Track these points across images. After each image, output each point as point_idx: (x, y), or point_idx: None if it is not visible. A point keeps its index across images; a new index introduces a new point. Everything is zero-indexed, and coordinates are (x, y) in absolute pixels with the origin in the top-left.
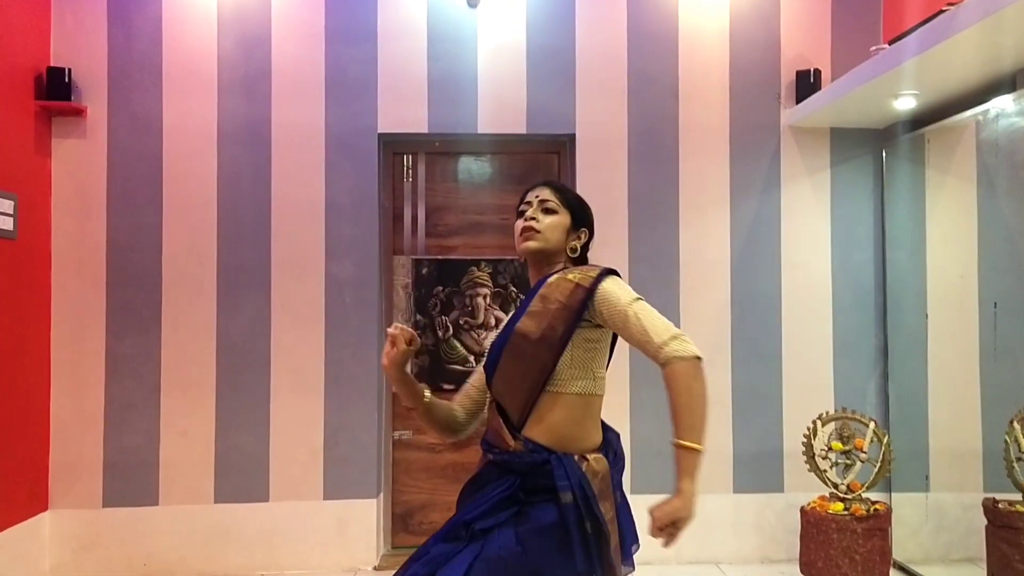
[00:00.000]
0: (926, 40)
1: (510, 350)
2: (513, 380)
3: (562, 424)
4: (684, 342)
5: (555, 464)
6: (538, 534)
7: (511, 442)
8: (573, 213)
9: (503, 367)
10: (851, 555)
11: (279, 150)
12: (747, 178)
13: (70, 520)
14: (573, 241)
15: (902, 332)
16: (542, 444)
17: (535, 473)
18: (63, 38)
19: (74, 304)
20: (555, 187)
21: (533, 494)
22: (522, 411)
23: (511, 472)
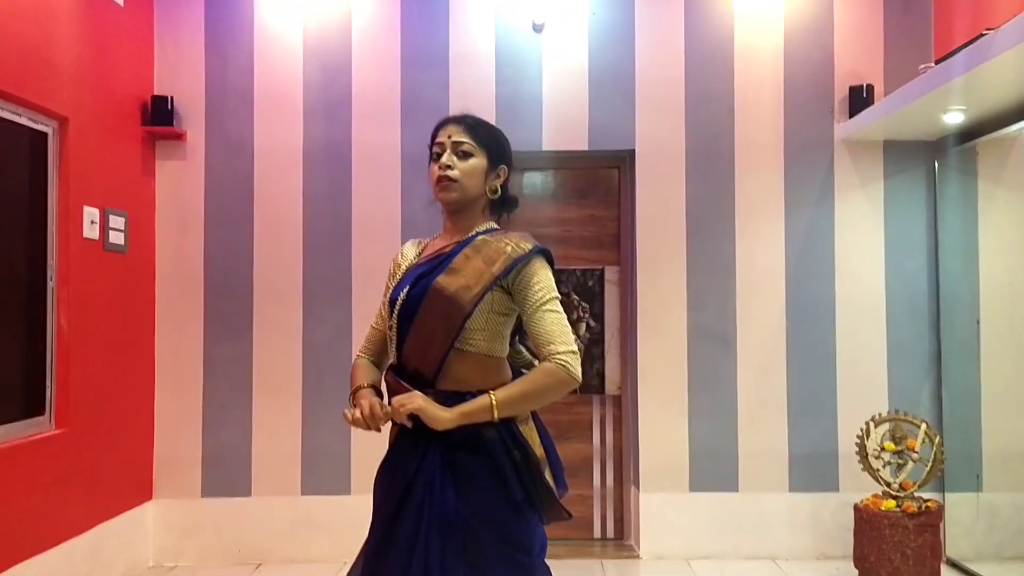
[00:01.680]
0: (970, 61)
1: (428, 305)
2: (427, 335)
3: (472, 379)
4: (577, 360)
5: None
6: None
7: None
8: (489, 152)
9: (419, 322)
10: (903, 550)
11: (359, 169)
12: (801, 190)
13: (172, 509)
14: (493, 181)
15: (955, 338)
16: (456, 391)
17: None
18: (165, 69)
19: (176, 312)
20: (467, 124)
21: (458, 449)
22: (435, 368)
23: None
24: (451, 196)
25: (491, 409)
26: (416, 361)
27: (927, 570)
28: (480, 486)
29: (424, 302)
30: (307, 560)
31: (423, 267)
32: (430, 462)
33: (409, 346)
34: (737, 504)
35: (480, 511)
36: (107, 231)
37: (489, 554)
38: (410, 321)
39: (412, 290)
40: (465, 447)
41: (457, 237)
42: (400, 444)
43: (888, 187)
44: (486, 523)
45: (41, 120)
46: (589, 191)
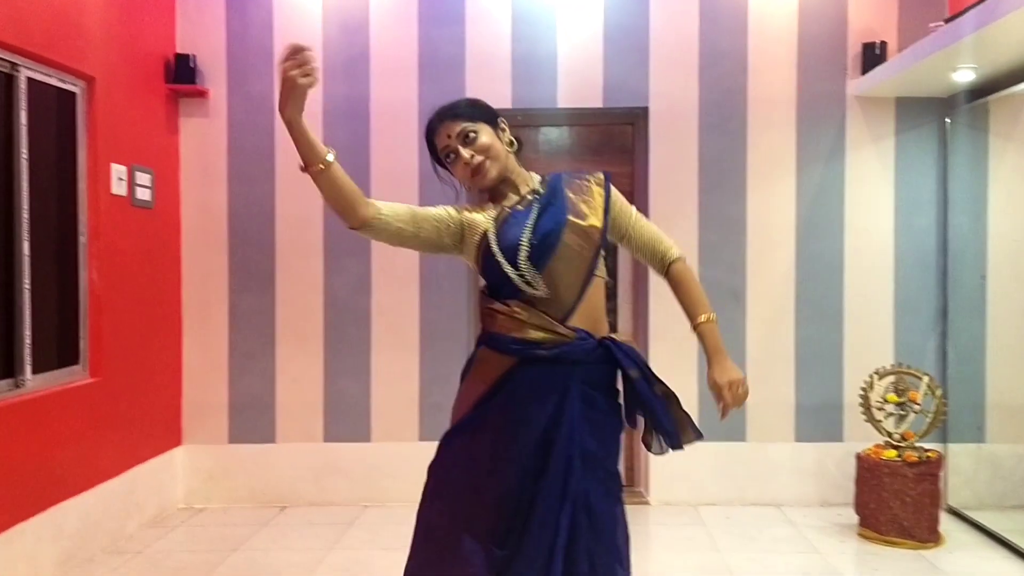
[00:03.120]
0: (978, 20)
1: (564, 251)
2: (566, 276)
3: (596, 309)
4: (678, 247)
5: (614, 348)
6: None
7: (566, 332)
8: (484, 119)
9: (554, 268)
10: (902, 497)
11: (377, 126)
12: (813, 147)
13: (200, 454)
14: (504, 137)
15: (962, 293)
16: (586, 331)
17: (591, 360)
18: (187, 27)
19: (201, 265)
20: (455, 114)
21: (592, 388)
22: (574, 302)
23: (567, 362)
24: (491, 174)
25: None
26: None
27: (925, 517)
28: (613, 425)
29: (559, 249)
30: (329, 503)
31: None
32: (571, 401)
33: (549, 279)
34: (744, 453)
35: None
36: (134, 188)
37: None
38: (548, 258)
39: (535, 233)
40: (601, 387)
41: (522, 192)
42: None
43: (899, 144)
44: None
45: (70, 80)
46: (603, 148)
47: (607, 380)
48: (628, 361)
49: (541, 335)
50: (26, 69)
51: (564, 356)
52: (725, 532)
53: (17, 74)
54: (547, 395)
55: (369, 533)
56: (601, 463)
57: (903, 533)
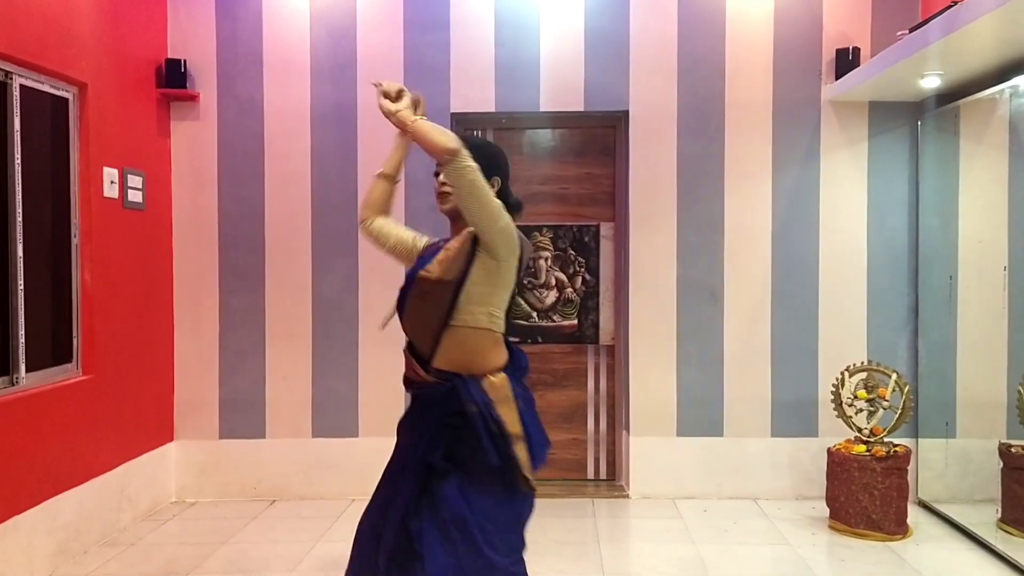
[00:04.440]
0: (941, 30)
1: (416, 293)
2: (421, 319)
3: (464, 354)
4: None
5: (460, 386)
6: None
7: (424, 375)
8: (480, 168)
9: (411, 309)
10: (870, 491)
11: (364, 129)
12: (789, 150)
13: (192, 449)
14: None
15: (932, 292)
16: (450, 372)
17: (448, 400)
18: (178, 33)
19: (193, 265)
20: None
21: (454, 417)
22: (431, 346)
23: (430, 403)
24: (446, 206)
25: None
26: (419, 338)
27: (893, 509)
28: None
29: (413, 291)
30: (318, 497)
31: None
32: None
33: (408, 331)
34: (722, 448)
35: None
36: (126, 190)
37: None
38: (403, 312)
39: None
40: (454, 417)
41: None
42: (409, 413)
43: (872, 146)
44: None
45: (62, 86)
46: (586, 150)
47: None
48: (469, 399)
49: (412, 375)
50: (19, 77)
51: (424, 397)
52: (701, 524)
53: (10, 81)
54: (415, 432)
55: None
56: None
57: (871, 525)
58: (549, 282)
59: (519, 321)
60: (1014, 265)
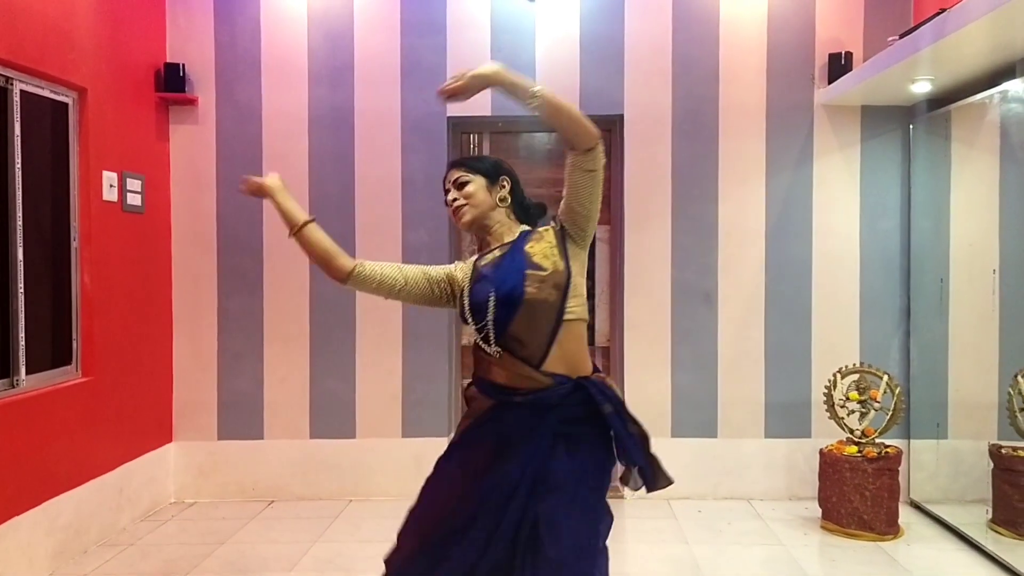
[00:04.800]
0: (930, 36)
1: (528, 304)
2: (535, 320)
3: (574, 352)
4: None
5: (589, 387)
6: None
7: (539, 378)
8: (484, 173)
9: (521, 321)
10: (861, 491)
11: (361, 132)
12: (782, 153)
13: (191, 450)
14: (498, 191)
15: (924, 294)
16: (563, 375)
17: (567, 403)
18: (177, 37)
19: (191, 268)
20: (460, 163)
21: (571, 425)
22: (545, 346)
23: (543, 408)
24: (465, 219)
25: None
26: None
27: (884, 510)
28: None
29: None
30: (315, 498)
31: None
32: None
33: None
34: (716, 449)
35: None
36: (125, 193)
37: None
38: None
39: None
40: (580, 421)
41: (504, 241)
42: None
43: (864, 150)
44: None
45: (62, 91)
46: None
47: (589, 415)
48: (602, 398)
49: (517, 382)
50: (19, 82)
51: (539, 402)
52: (695, 525)
53: (11, 87)
54: (520, 439)
55: (353, 526)
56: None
57: (863, 526)
58: None
59: None
60: (1004, 267)
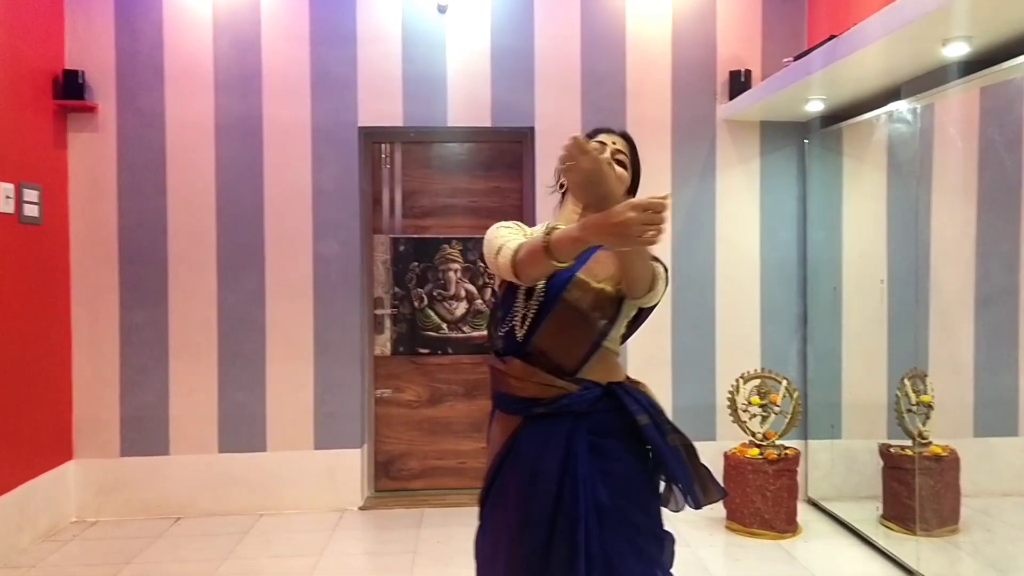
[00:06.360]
0: (822, 60)
1: (564, 309)
2: (565, 337)
3: (606, 363)
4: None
5: (621, 394)
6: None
7: (565, 384)
8: (634, 176)
9: (553, 324)
10: (763, 492)
11: (270, 142)
12: (687, 166)
13: (92, 468)
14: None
15: (819, 302)
16: (592, 380)
17: (597, 409)
18: (76, 43)
19: (91, 280)
20: (629, 141)
21: (603, 437)
22: (579, 362)
23: (568, 415)
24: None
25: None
26: (560, 353)
27: (784, 509)
28: (634, 474)
29: (558, 310)
30: (225, 513)
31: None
32: (576, 455)
33: (542, 344)
34: None
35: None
36: (22, 204)
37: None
38: (547, 311)
39: (550, 280)
40: (616, 435)
41: None
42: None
43: (764, 163)
44: (634, 507)
45: None
46: (494, 164)
47: (621, 427)
48: (637, 407)
49: (538, 391)
50: None
51: (565, 409)
52: None
53: None
54: (552, 451)
55: (264, 541)
56: (625, 517)
57: (764, 525)
58: (459, 294)
59: (429, 333)
60: (892, 277)
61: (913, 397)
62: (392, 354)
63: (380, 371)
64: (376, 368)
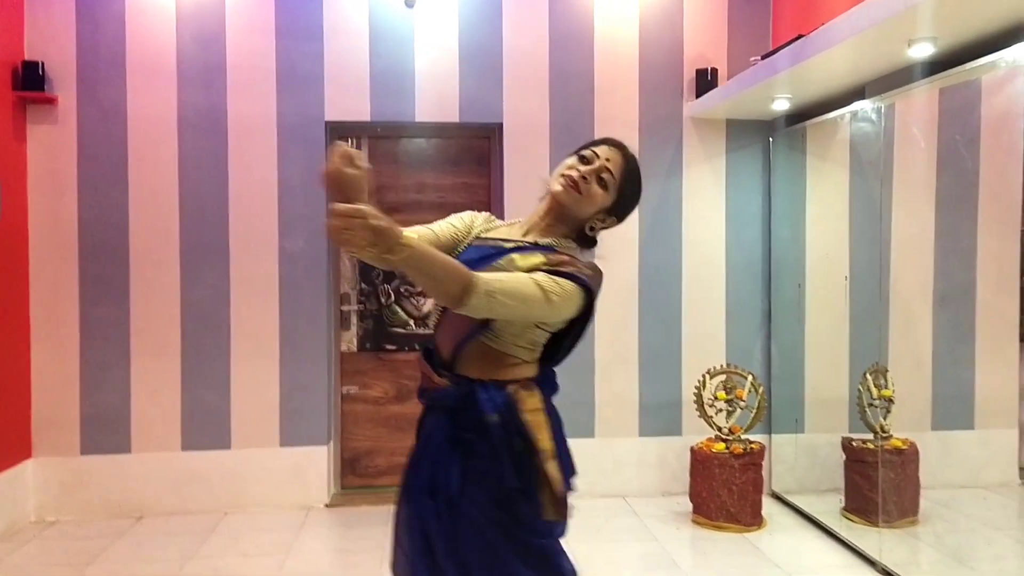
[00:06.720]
0: (791, 59)
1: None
2: (445, 331)
3: (489, 360)
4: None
5: (479, 390)
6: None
7: (438, 380)
8: (618, 199)
9: (438, 319)
10: (729, 486)
11: (235, 137)
12: (654, 164)
13: (52, 467)
14: (597, 222)
15: (783, 299)
16: (469, 377)
17: (467, 406)
18: (36, 33)
19: (51, 275)
20: (627, 161)
21: (469, 432)
22: (453, 351)
23: (441, 411)
24: (562, 196)
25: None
26: (443, 340)
27: (749, 502)
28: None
29: None
30: (187, 512)
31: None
32: (437, 442)
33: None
34: (593, 448)
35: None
36: None
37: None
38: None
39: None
40: (477, 431)
41: (531, 237)
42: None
43: (729, 161)
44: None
45: None
46: (462, 160)
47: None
48: (490, 406)
49: (425, 382)
50: None
51: (437, 402)
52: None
53: None
54: (422, 441)
55: (230, 540)
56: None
57: (730, 518)
58: None
59: (396, 329)
60: (854, 274)
61: (875, 392)
62: (359, 350)
63: (346, 368)
64: (342, 364)
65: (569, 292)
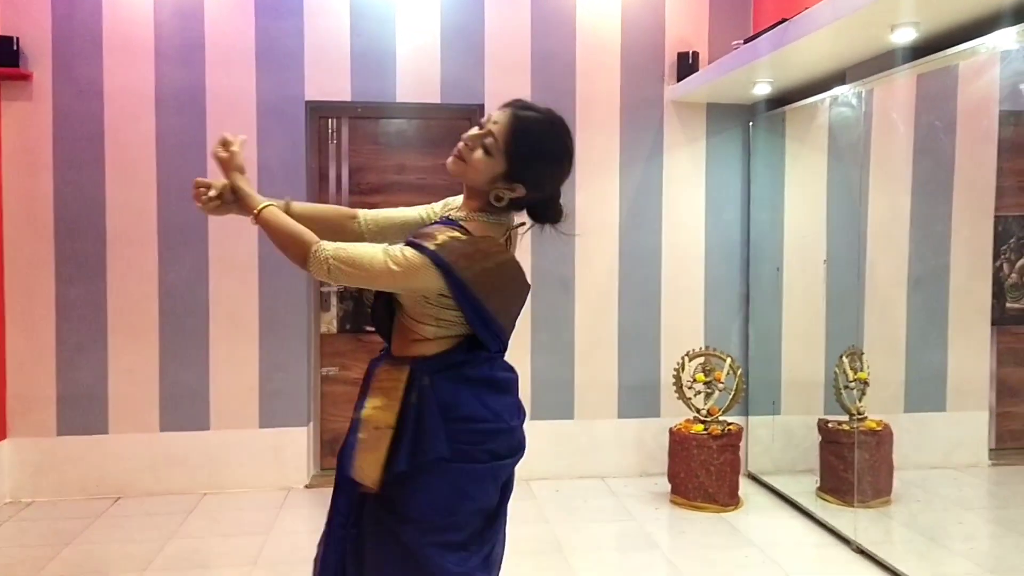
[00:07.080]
0: (770, 44)
1: None
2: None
3: (406, 344)
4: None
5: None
6: None
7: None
8: (512, 163)
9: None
10: (707, 467)
11: (213, 115)
12: (635, 147)
13: (27, 447)
14: (502, 191)
15: (761, 281)
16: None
17: None
18: (10, 8)
19: (25, 254)
20: (514, 124)
21: None
22: (379, 331)
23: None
24: (452, 167)
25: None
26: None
27: (727, 483)
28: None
29: None
30: (165, 493)
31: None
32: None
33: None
34: (572, 430)
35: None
36: None
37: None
38: None
39: None
40: None
41: (452, 213)
42: None
43: (709, 145)
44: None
45: None
46: (443, 140)
47: None
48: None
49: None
50: None
51: (368, 375)
52: (554, 504)
53: None
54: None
55: (210, 520)
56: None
57: (708, 498)
58: None
59: None
60: (831, 258)
61: (850, 374)
62: (338, 332)
63: (326, 349)
64: (322, 346)
65: (412, 261)
